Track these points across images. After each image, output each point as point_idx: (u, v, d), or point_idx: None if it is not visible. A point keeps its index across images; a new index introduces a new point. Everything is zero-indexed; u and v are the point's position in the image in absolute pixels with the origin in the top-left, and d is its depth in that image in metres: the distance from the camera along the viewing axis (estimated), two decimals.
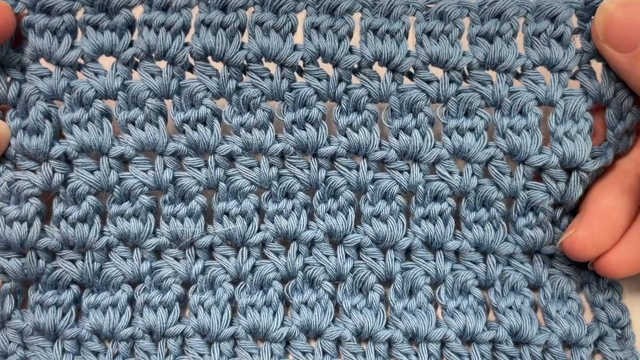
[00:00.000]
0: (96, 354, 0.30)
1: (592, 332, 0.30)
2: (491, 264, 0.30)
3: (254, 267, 0.30)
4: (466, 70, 0.29)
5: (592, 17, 0.28)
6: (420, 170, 0.30)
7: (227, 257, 0.31)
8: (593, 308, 0.31)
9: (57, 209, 0.30)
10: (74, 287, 0.30)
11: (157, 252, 0.31)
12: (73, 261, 0.30)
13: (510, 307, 0.30)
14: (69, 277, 0.30)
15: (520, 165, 0.29)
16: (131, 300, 0.30)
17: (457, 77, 0.29)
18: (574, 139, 0.29)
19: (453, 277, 0.30)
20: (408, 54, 0.28)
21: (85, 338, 0.30)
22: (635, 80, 0.27)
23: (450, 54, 0.28)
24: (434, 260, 0.31)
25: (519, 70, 0.29)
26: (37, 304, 0.30)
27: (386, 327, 0.30)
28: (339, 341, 0.30)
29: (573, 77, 0.29)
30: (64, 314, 0.30)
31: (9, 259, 0.30)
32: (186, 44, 0.28)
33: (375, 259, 0.30)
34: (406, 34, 0.28)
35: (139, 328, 0.30)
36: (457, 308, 0.30)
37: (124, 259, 0.30)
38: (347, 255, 0.30)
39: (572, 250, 0.29)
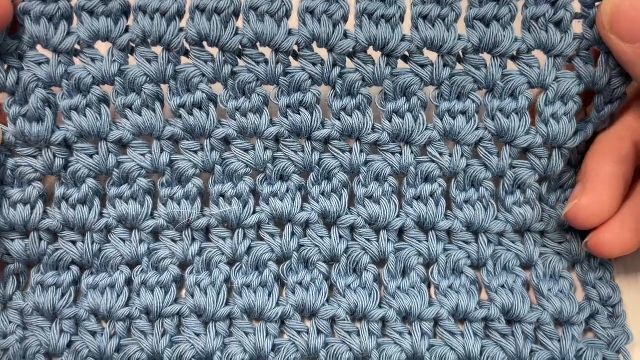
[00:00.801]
0: (93, 334, 0.30)
1: (583, 310, 0.30)
2: (483, 244, 0.31)
3: (249, 248, 0.31)
4: (461, 54, 0.29)
5: (597, 4, 0.28)
6: (412, 152, 0.30)
7: (224, 238, 0.31)
8: (585, 286, 0.31)
9: (58, 191, 0.30)
10: (74, 269, 0.31)
11: (155, 234, 0.31)
12: (74, 242, 0.31)
13: (503, 286, 0.31)
14: (70, 257, 0.31)
15: (507, 146, 0.30)
16: (129, 282, 0.31)
17: (451, 61, 0.29)
18: (560, 120, 0.29)
19: (446, 257, 0.31)
20: (403, 39, 0.28)
21: (83, 318, 0.30)
22: (638, 72, 0.27)
23: (445, 39, 0.28)
24: (427, 241, 0.31)
25: (514, 53, 0.29)
26: (37, 284, 0.31)
27: (380, 307, 0.30)
28: (333, 320, 0.31)
29: (569, 61, 0.29)
30: (63, 295, 0.30)
31: (12, 240, 0.30)
32: (181, 30, 0.28)
33: (368, 240, 0.31)
34: (402, 18, 0.28)
35: (136, 308, 0.30)
36: (450, 287, 0.31)
37: (123, 240, 0.31)
38: (341, 237, 0.31)
39: (576, 219, 0.29)
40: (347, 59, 0.29)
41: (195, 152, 0.31)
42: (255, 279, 0.31)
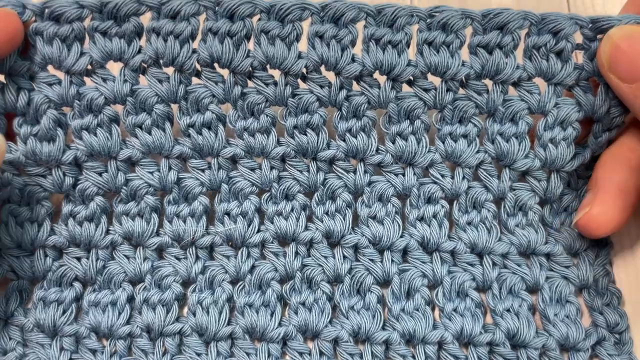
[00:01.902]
0: (94, 352, 0.30)
1: (590, 337, 0.30)
2: (488, 266, 0.31)
3: (253, 267, 0.31)
4: (463, 79, 0.30)
5: (599, 37, 0.28)
6: (414, 173, 0.31)
7: (227, 257, 0.31)
8: (591, 312, 0.31)
9: (66, 208, 0.31)
10: (77, 285, 0.31)
11: (159, 252, 0.31)
12: (78, 259, 0.31)
13: (508, 310, 0.30)
14: (73, 274, 0.31)
15: (507, 168, 0.31)
16: (131, 299, 0.31)
17: (454, 86, 0.29)
18: (558, 145, 0.30)
19: (450, 279, 0.31)
20: (409, 64, 0.29)
21: (84, 335, 0.30)
22: (638, 110, 0.28)
23: (448, 66, 0.28)
24: (431, 262, 0.31)
25: (515, 80, 0.30)
26: (39, 300, 0.30)
27: (383, 329, 0.30)
28: (336, 342, 0.30)
29: (569, 89, 0.30)
30: (64, 311, 0.30)
31: (18, 257, 0.30)
32: (194, 51, 0.29)
33: (372, 260, 0.31)
34: (408, 44, 0.29)
35: (137, 326, 0.30)
36: (455, 310, 0.30)
37: (127, 257, 0.31)
38: (344, 257, 0.31)
39: (587, 227, 0.29)
40: (354, 82, 0.30)
41: (203, 170, 0.31)
42: (257, 298, 0.31)
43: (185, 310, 0.31)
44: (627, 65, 0.27)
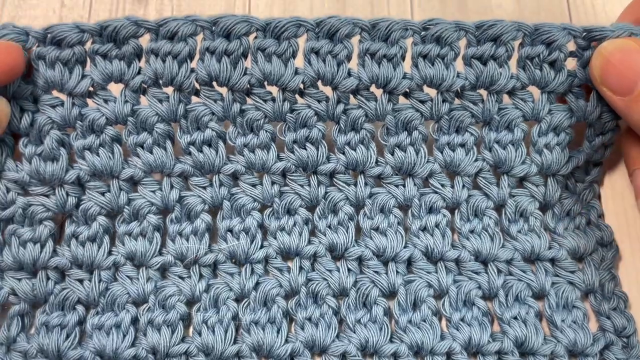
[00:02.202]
0: None
1: (597, 342, 0.30)
2: (493, 273, 0.31)
3: (257, 283, 0.31)
4: (459, 90, 0.30)
5: (593, 44, 0.29)
6: (415, 184, 0.31)
7: (231, 274, 0.31)
8: (598, 317, 0.31)
9: (69, 229, 0.31)
10: (80, 308, 0.31)
11: (162, 272, 0.31)
12: (80, 281, 0.31)
13: (515, 318, 0.30)
14: (76, 297, 0.30)
15: (505, 175, 0.31)
16: (135, 321, 0.30)
17: (449, 97, 0.30)
18: (553, 150, 0.30)
19: (456, 288, 0.31)
20: (404, 77, 0.29)
21: None
22: (631, 121, 0.28)
23: (443, 78, 0.29)
24: (436, 272, 0.31)
25: (509, 89, 0.30)
26: (42, 325, 0.30)
27: (391, 341, 0.30)
28: (343, 356, 0.30)
29: (561, 95, 0.30)
30: (67, 336, 0.30)
31: (19, 280, 0.30)
32: (192, 71, 0.29)
33: (377, 272, 0.31)
34: (403, 57, 0.29)
35: (143, 348, 0.30)
36: (462, 320, 0.30)
37: (130, 278, 0.31)
38: (349, 270, 0.31)
39: None
40: (351, 96, 0.30)
41: (205, 188, 0.31)
42: (263, 315, 0.30)
43: (191, 330, 0.31)
44: (618, 79, 0.27)
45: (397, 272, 0.31)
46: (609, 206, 0.33)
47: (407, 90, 0.30)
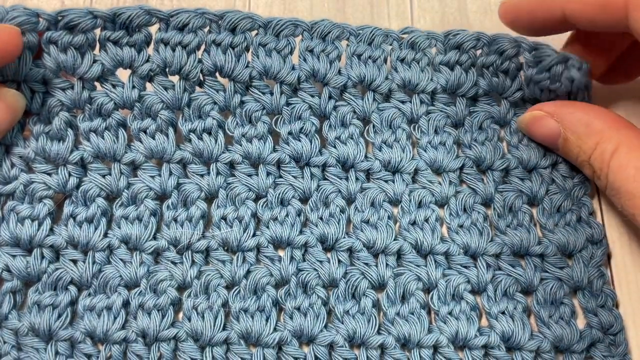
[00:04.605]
0: (89, 356, 0.30)
1: (584, 338, 0.30)
2: (482, 268, 0.31)
3: (248, 272, 0.31)
4: (433, 93, 0.33)
5: (542, 60, 0.31)
6: (403, 180, 0.32)
7: (223, 262, 0.32)
8: (586, 314, 0.31)
9: (68, 208, 0.31)
10: (72, 289, 0.31)
11: (156, 257, 0.32)
12: (74, 262, 0.31)
13: (503, 312, 0.30)
14: (69, 277, 0.31)
15: (488, 171, 0.33)
16: (126, 304, 0.31)
17: (426, 99, 0.33)
18: (527, 146, 0.33)
19: (445, 282, 0.31)
20: (386, 77, 0.32)
21: (79, 340, 0.30)
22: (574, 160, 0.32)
23: (419, 79, 0.32)
24: (426, 266, 0.32)
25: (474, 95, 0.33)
26: (34, 304, 0.30)
27: (379, 333, 0.30)
28: (331, 347, 0.30)
29: (523, 99, 0.33)
30: (59, 315, 0.30)
31: (14, 256, 0.31)
32: (199, 61, 0.31)
33: (367, 264, 0.31)
34: (385, 60, 0.33)
35: (132, 331, 0.30)
36: (450, 313, 0.30)
37: (123, 261, 0.31)
38: (339, 261, 0.32)
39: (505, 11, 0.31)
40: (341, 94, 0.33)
41: (202, 176, 0.32)
42: (253, 303, 0.31)
43: (181, 315, 0.31)
44: (543, 142, 0.32)
45: (387, 264, 0.31)
46: (603, 205, 0.33)
47: (389, 90, 0.33)
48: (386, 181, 0.32)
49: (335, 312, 0.31)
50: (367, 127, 0.33)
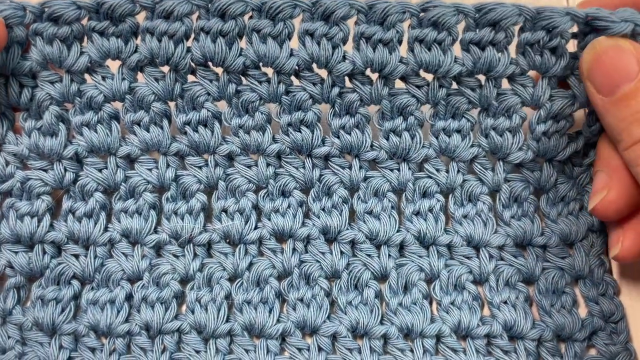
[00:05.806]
0: (93, 350, 0.30)
1: (586, 327, 0.30)
2: (484, 258, 0.31)
3: (250, 264, 0.31)
4: (456, 75, 0.29)
5: (595, 29, 0.27)
6: (409, 168, 0.31)
7: (225, 254, 0.31)
8: (587, 302, 0.31)
9: (66, 204, 0.31)
10: (75, 283, 0.31)
11: (157, 250, 0.32)
12: (76, 256, 0.31)
13: (505, 302, 0.30)
14: (71, 271, 0.31)
15: (500, 161, 0.31)
16: (129, 297, 0.31)
17: (446, 83, 0.29)
18: (551, 137, 0.30)
19: (447, 273, 0.31)
20: (400, 61, 0.29)
21: (83, 334, 0.30)
22: (604, 123, 0.28)
23: (440, 63, 0.28)
24: (428, 256, 0.31)
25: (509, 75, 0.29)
26: (38, 299, 0.30)
27: (381, 323, 0.30)
28: (334, 337, 0.30)
29: (563, 79, 0.29)
30: (63, 310, 0.30)
31: (16, 253, 0.31)
32: (188, 50, 0.29)
33: (369, 255, 0.31)
34: (400, 41, 0.28)
35: (136, 324, 0.30)
36: (452, 303, 0.30)
37: (125, 255, 0.31)
38: (342, 252, 0.31)
39: (606, 213, 0.28)
40: (347, 79, 0.30)
41: (200, 167, 0.31)
42: (255, 295, 0.31)
43: (184, 307, 0.31)
44: (603, 78, 0.27)
45: (390, 255, 0.31)
46: None
47: (404, 75, 0.30)
48: (391, 170, 0.31)
49: (338, 303, 0.31)
50: (374, 114, 0.31)
